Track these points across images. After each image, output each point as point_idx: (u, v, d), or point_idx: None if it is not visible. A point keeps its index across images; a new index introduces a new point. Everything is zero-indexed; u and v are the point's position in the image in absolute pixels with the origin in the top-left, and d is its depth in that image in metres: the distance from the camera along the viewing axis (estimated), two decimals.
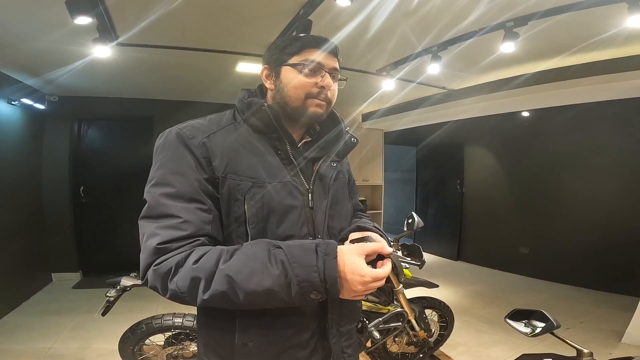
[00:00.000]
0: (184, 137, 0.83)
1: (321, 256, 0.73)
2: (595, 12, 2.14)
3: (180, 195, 0.78)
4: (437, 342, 2.76)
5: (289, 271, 0.71)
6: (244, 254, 0.74)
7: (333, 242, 0.76)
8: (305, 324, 0.88)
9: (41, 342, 2.94)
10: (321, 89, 0.89)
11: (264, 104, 0.89)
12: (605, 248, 4.32)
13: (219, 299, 0.72)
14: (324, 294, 0.73)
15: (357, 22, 2.35)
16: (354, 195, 1.15)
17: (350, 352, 0.99)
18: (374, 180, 5.59)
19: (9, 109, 3.64)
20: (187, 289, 0.73)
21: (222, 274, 0.72)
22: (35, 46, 2.75)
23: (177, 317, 2.13)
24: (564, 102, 3.95)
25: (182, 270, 0.73)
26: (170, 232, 0.76)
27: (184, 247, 0.75)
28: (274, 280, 0.71)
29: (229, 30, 2.66)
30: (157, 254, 0.75)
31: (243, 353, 0.84)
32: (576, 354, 1.04)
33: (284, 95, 0.90)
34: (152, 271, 0.75)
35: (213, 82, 3.82)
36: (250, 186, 0.82)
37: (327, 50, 0.89)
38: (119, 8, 2.24)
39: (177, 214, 0.77)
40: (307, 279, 0.71)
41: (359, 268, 0.74)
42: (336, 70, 0.92)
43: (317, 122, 0.94)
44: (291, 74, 0.89)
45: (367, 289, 0.74)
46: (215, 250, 0.76)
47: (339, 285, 0.73)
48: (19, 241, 3.83)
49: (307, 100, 0.89)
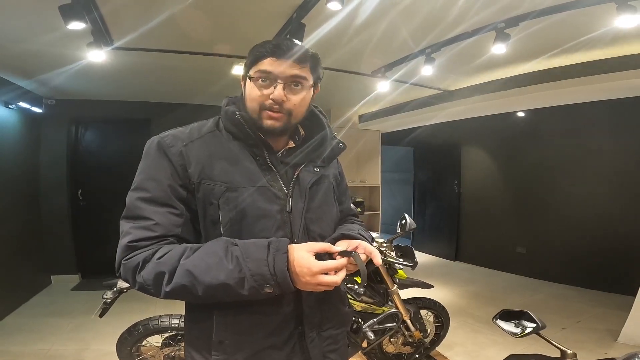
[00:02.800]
0: (163, 145, 0.88)
1: (272, 252, 0.79)
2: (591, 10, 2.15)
3: (154, 199, 0.85)
4: (433, 342, 2.77)
5: (243, 266, 0.77)
6: (203, 251, 0.81)
7: (285, 240, 0.82)
8: (281, 325, 0.90)
9: (40, 343, 2.97)
10: (273, 100, 0.87)
11: (236, 112, 0.91)
12: (601, 248, 4.34)
13: (180, 291, 0.78)
14: (276, 287, 0.78)
15: (350, 24, 2.37)
16: (346, 199, 1.16)
17: (334, 357, 0.99)
18: (372, 181, 5.60)
19: (7, 113, 3.66)
20: (152, 281, 0.80)
21: (183, 268, 0.78)
22: (31, 49, 2.75)
23: (174, 319, 2.15)
24: (560, 103, 3.97)
25: (148, 265, 0.80)
26: (142, 232, 0.83)
27: (152, 246, 0.82)
28: (227, 274, 0.77)
29: (223, 34, 2.68)
30: (127, 251, 0.83)
31: (219, 349, 0.88)
32: (560, 355, 1.06)
33: (245, 106, 0.92)
34: (123, 265, 0.83)
35: (209, 84, 3.84)
36: (223, 191, 0.86)
37: (284, 57, 0.86)
38: (113, 13, 2.25)
39: (150, 217, 0.84)
40: (258, 272, 0.77)
41: (306, 261, 0.79)
42: (297, 78, 0.88)
43: (274, 134, 0.92)
44: (249, 86, 0.91)
45: (318, 281, 0.78)
46: (179, 248, 0.82)
47: (290, 278, 0.78)
48: (18, 244, 3.85)
49: (262, 112, 0.89)
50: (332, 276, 0.80)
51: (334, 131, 1.05)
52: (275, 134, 0.92)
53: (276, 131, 0.91)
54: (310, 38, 2.39)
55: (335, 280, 0.80)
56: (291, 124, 0.93)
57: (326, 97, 4.57)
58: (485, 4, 2.11)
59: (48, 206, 4.42)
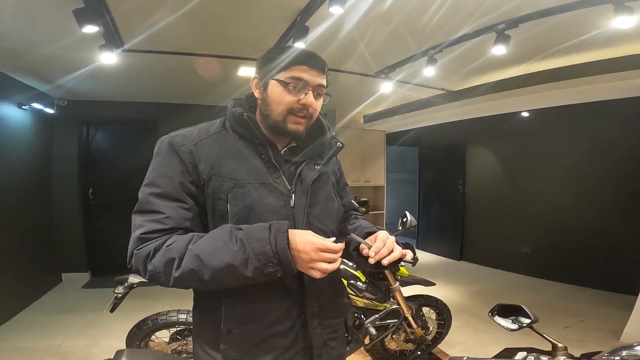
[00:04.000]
0: (174, 144, 0.93)
1: (273, 232, 0.83)
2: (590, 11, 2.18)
3: (165, 195, 0.90)
4: (435, 339, 2.81)
5: (247, 246, 0.81)
6: (210, 236, 0.86)
7: (284, 222, 0.86)
8: (285, 314, 0.95)
9: (51, 340, 3.03)
10: (303, 106, 0.94)
11: (244, 114, 0.96)
12: (605, 248, 4.33)
13: (188, 276, 0.82)
14: (278, 266, 0.82)
15: (354, 26, 2.41)
16: (346, 194, 1.21)
17: (334, 345, 1.05)
18: (377, 181, 5.63)
19: (20, 113, 3.75)
20: (162, 268, 0.84)
21: (191, 253, 0.82)
22: (44, 52, 2.84)
23: (182, 314, 2.20)
24: (565, 102, 3.97)
25: (158, 253, 0.85)
26: (154, 224, 0.87)
27: (162, 237, 0.87)
28: (232, 256, 0.81)
29: (229, 37, 2.74)
30: (139, 242, 0.87)
31: (227, 339, 0.93)
32: (552, 348, 1.09)
33: (268, 108, 0.97)
34: (135, 255, 0.87)
35: (215, 85, 3.91)
36: (232, 187, 0.91)
37: (315, 67, 0.94)
38: (124, 16, 2.33)
39: (161, 211, 0.88)
40: (261, 251, 0.81)
41: (310, 237, 0.84)
42: (321, 87, 0.96)
43: (295, 137, 0.99)
44: (277, 89, 0.94)
45: (321, 257, 0.82)
46: (187, 236, 0.87)
47: (291, 256, 0.82)
48: (30, 242, 3.94)
49: (288, 116, 0.95)
50: (332, 254, 0.84)
51: (333, 131, 1.11)
52: (297, 136, 0.98)
53: (298, 134, 0.97)
54: (314, 39, 2.44)
55: (334, 258, 0.84)
56: (307, 128, 1.00)
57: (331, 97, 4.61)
58: (486, 7, 2.14)
59: (59, 205, 4.52)
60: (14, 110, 3.64)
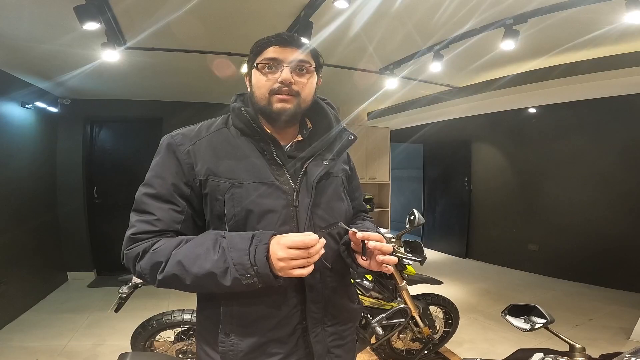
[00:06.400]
0: (173, 144, 0.92)
1: (255, 243, 0.80)
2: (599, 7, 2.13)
3: (158, 196, 0.89)
4: (442, 338, 2.77)
5: (227, 256, 0.80)
6: (194, 242, 0.85)
7: (268, 232, 0.82)
8: (285, 319, 0.92)
9: (57, 339, 3.04)
10: (281, 83, 0.90)
11: (242, 108, 0.93)
12: (614, 245, 4.28)
13: (171, 280, 0.83)
14: (257, 277, 0.78)
15: (358, 21, 2.37)
16: (359, 195, 1.16)
17: (339, 352, 1.00)
18: (381, 178, 5.60)
19: (23, 112, 3.75)
20: (149, 270, 0.85)
21: (175, 259, 0.82)
22: (47, 50, 2.82)
23: (186, 313, 2.19)
24: (572, 98, 3.92)
25: (146, 255, 0.85)
26: (144, 225, 0.88)
27: (152, 239, 0.87)
28: (213, 264, 0.80)
29: (233, 33, 2.71)
30: (129, 242, 0.88)
31: (226, 342, 0.91)
32: (569, 349, 1.06)
33: (254, 96, 0.95)
34: (125, 255, 0.89)
35: (219, 82, 3.88)
36: (229, 187, 0.88)
37: (287, 45, 0.91)
38: (126, 14, 2.30)
39: (153, 212, 0.89)
40: (239, 262, 0.79)
41: (284, 238, 0.79)
42: (303, 62, 0.92)
43: (287, 117, 0.93)
44: (256, 75, 0.93)
45: (289, 255, 0.76)
46: (175, 239, 0.86)
47: (271, 268, 0.78)
48: (36, 242, 3.95)
49: (271, 97, 0.92)
50: (304, 250, 0.77)
51: (343, 123, 1.05)
52: (286, 118, 0.93)
53: (287, 114, 0.92)
54: (318, 36, 2.41)
55: (306, 254, 0.77)
56: (301, 108, 0.94)
57: (335, 94, 4.57)
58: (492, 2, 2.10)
59: (64, 204, 4.52)
60: (17, 109, 3.64)
